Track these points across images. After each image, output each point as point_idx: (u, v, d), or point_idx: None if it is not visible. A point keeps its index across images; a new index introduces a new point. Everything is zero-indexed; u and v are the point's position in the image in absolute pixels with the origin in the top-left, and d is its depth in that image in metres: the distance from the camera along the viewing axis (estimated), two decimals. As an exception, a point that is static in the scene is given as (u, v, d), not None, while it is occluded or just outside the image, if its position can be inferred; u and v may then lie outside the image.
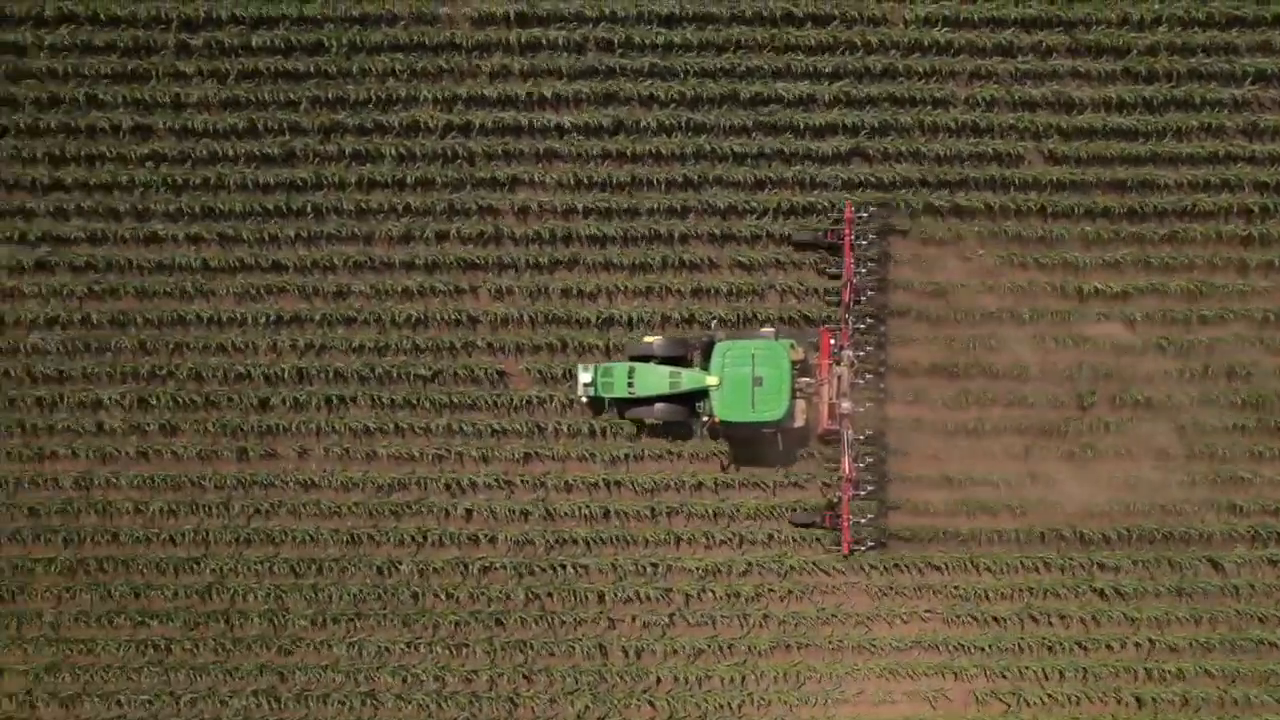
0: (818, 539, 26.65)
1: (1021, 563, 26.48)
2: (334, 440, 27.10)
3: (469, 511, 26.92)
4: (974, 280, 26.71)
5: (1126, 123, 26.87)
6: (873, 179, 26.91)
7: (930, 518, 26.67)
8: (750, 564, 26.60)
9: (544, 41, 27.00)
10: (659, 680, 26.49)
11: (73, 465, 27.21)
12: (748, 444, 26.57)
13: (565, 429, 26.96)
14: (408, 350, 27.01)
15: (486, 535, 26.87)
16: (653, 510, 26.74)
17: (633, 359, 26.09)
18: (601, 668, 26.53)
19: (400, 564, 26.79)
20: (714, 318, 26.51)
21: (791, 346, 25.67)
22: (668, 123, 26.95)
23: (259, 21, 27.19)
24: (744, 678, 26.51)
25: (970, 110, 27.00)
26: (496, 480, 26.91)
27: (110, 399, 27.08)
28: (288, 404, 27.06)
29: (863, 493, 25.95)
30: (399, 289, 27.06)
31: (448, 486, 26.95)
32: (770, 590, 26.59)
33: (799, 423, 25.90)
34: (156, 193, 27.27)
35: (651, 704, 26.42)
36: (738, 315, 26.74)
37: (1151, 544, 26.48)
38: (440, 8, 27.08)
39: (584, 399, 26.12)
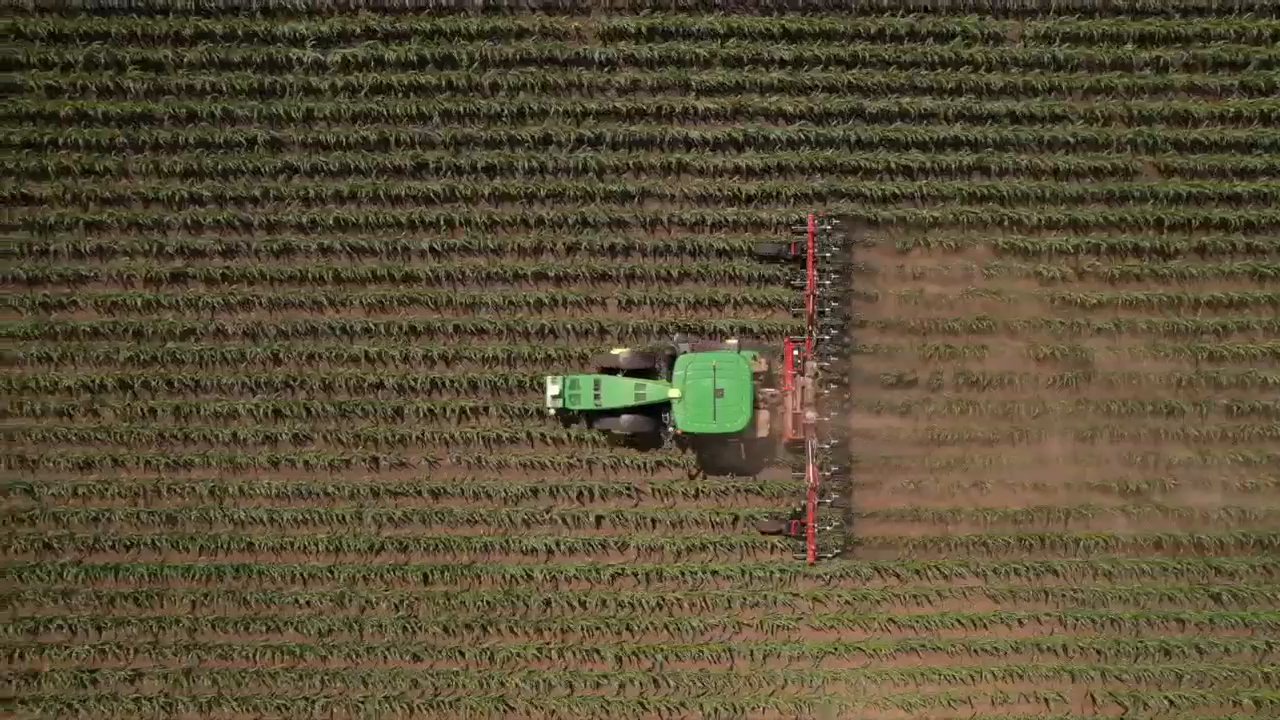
0: (787, 546, 27.15)
1: (1140, 567, 27.09)
2: (465, 449, 27.53)
3: (599, 518, 27.37)
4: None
5: (1242, 135, 27.49)
6: (994, 192, 27.47)
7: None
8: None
9: (673, 56, 27.48)
10: (785, 683, 27.01)
11: (207, 474, 27.60)
12: (715, 453, 27.08)
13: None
14: (539, 360, 27.44)
15: (616, 542, 27.36)
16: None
17: (601, 371, 26.61)
18: (730, 673, 27.04)
19: (531, 572, 27.25)
20: (676, 330, 27.13)
21: (754, 358, 26.20)
22: (795, 137, 27.46)
23: (391, 36, 27.61)
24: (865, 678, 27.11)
25: (1088, 125, 27.58)
26: (627, 489, 27.39)
27: (244, 409, 27.50)
28: (420, 414, 27.48)
29: (829, 501, 26.47)
30: (530, 300, 27.50)
31: (578, 495, 27.43)
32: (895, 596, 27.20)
33: (763, 433, 26.40)
34: (289, 205, 27.69)
35: (777, 708, 26.96)
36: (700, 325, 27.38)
37: (1266, 549, 27.14)
38: (571, 23, 27.53)
39: (552, 411, 26.60)
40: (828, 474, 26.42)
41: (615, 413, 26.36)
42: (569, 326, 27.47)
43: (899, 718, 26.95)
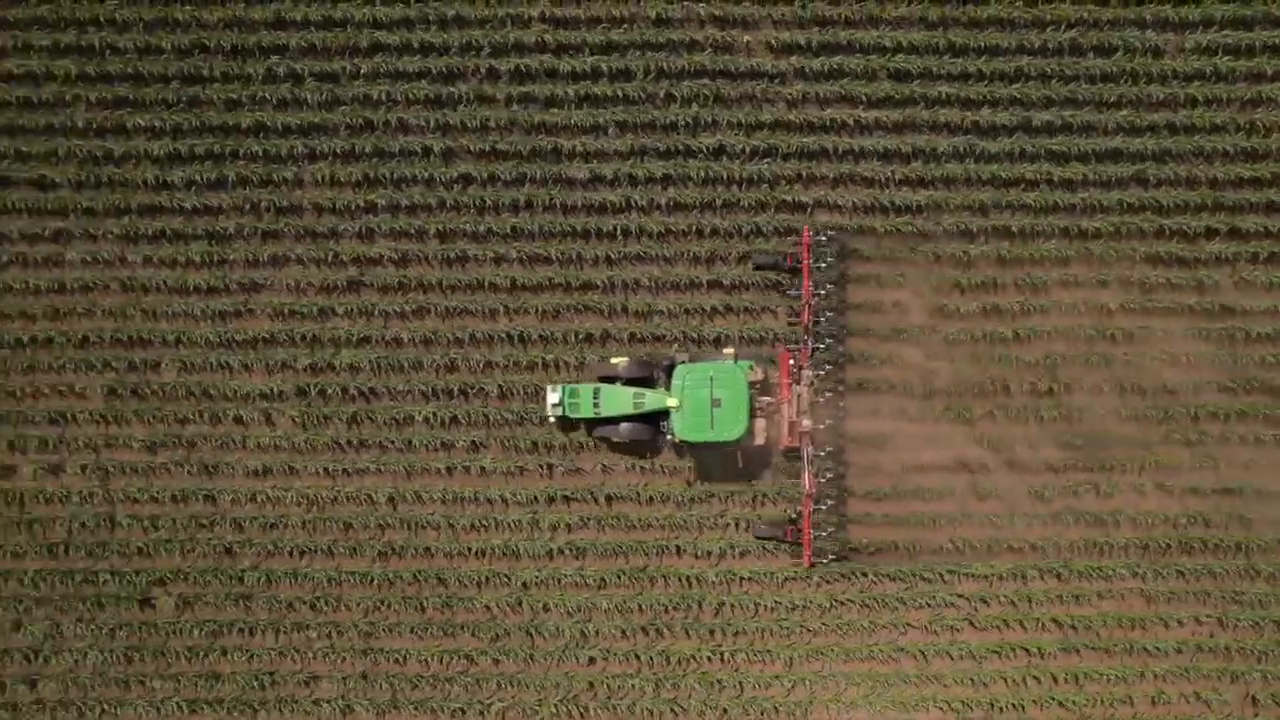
0: (784, 551, 27.61)
1: (1296, 571, 27.78)
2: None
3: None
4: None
5: None
6: (1152, 202, 28.05)
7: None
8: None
9: (845, 69, 27.98)
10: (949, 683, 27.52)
11: (382, 480, 27.97)
12: (712, 461, 27.57)
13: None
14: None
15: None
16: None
17: (600, 380, 27.12)
18: (896, 673, 27.58)
19: (706, 575, 27.71)
20: (675, 339, 27.75)
21: (750, 367, 26.80)
22: (962, 149, 28.00)
23: (563, 48, 28.02)
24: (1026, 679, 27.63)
25: (1247, 136, 28.17)
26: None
27: (420, 416, 27.86)
28: (595, 420, 27.96)
29: (824, 507, 27.02)
30: (705, 308, 27.96)
31: (752, 500, 27.94)
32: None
33: (760, 441, 27.01)
34: (464, 214, 28.05)
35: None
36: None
37: None
38: (743, 36, 27.99)
39: (552, 419, 27.14)
40: (823, 480, 26.99)
41: (614, 421, 26.87)
42: (739, 334, 27.89)
43: (1061, 716, 27.56)
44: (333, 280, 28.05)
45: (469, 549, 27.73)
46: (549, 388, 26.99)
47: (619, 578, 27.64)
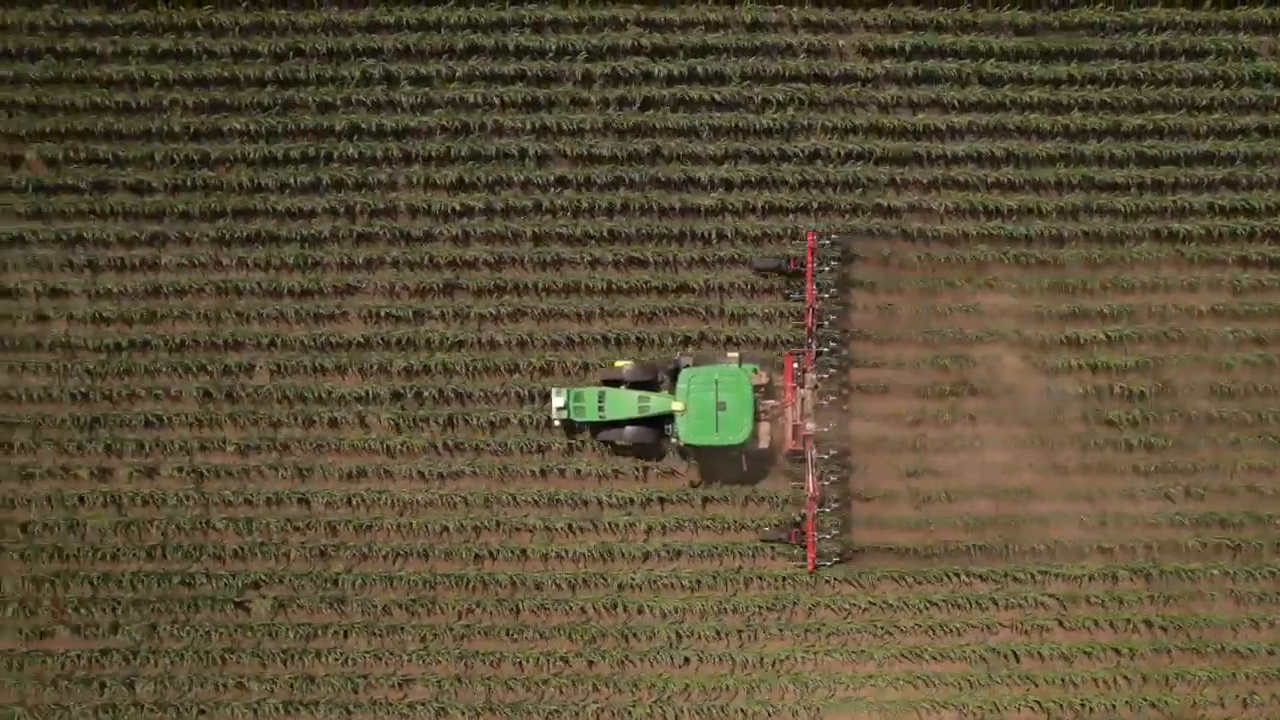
0: (789, 554, 27.71)
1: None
2: (730, 460, 28.21)
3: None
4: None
5: None
6: (1243, 205, 28.20)
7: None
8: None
9: (939, 73, 28.12)
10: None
11: (477, 483, 28.05)
12: (717, 463, 27.67)
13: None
14: (805, 371, 28.10)
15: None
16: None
17: (605, 383, 27.22)
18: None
19: (799, 577, 27.83)
20: (680, 342, 27.84)
21: (755, 371, 26.92)
22: (1054, 153, 28.13)
23: (658, 51, 28.12)
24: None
25: (1340, 139, 28.40)
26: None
27: (514, 418, 27.95)
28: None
29: (828, 509, 27.15)
30: (794, 311, 28.10)
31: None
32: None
33: (764, 444, 27.13)
34: (559, 217, 28.15)
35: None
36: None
37: None
38: (839, 40, 28.11)
39: (557, 422, 27.25)
40: (827, 483, 27.09)
41: (619, 424, 26.98)
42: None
43: (1152, 717, 27.68)
44: (427, 283, 28.12)
45: (564, 551, 27.82)
46: (553, 391, 27.11)
47: (713, 579, 27.75)
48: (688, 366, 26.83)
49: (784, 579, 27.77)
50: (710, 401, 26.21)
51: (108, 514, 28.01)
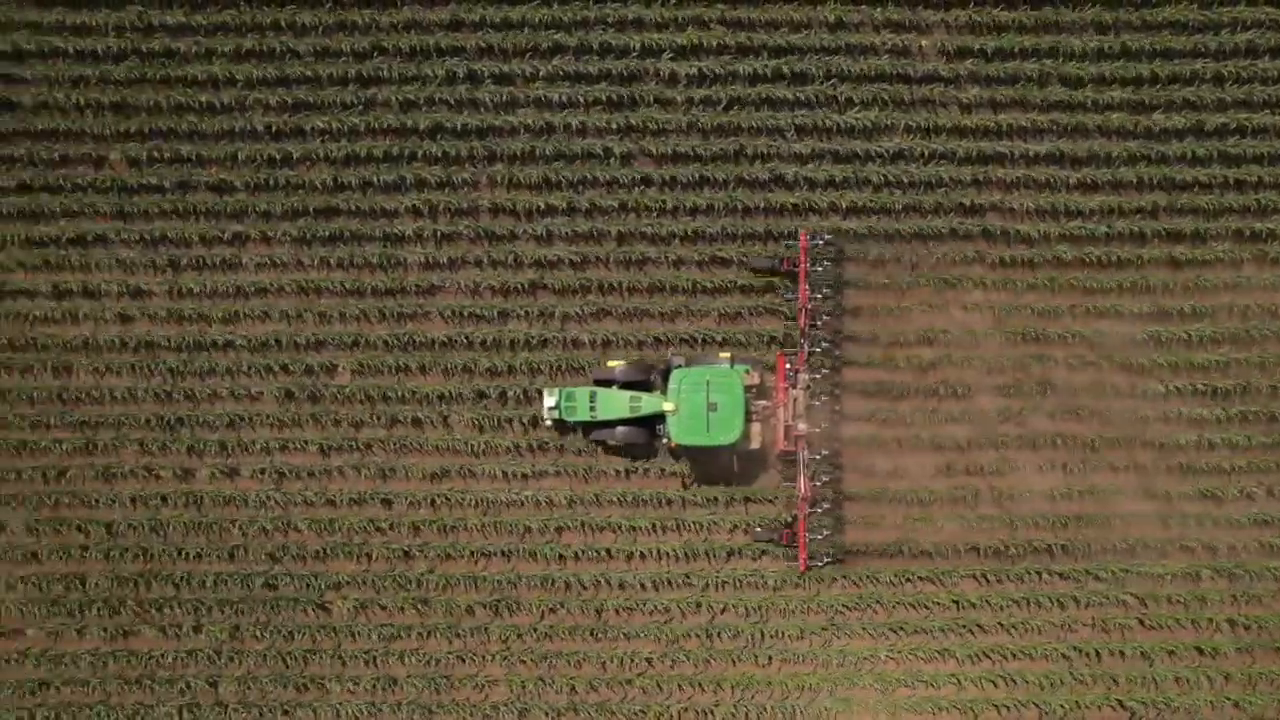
0: (779, 554, 27.68)
1: None
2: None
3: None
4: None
5: None
6: (1315, 205, 28.36)
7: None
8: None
9: (1019, 73, 28.15)
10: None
11: (560, 483, 28.04)
12: (708, 464, 27.70)
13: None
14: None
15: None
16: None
17: (597, 383, 27.23)
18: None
19: (882, 575, 27.82)
20: (672, 343, 27.82)
21: (747, 371, 26.93)
22: (1136, 153, 28.17)
23: (743, 50, 28.13)
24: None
25: None
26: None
27: (591, 421, 28.01)
28: (772, 422, 28.06)
29: (820, 510, 27.17)
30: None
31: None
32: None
33: (755, 445, 27.11)
34: (643, 217, 28.14)
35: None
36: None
37: None
38: (921, 41, 28.14)
39: (549, 421, 27.23)
40: (818, 484, 27.12)
41: (610, 424, 26.98)
42: (911, 336, 28.05)
43: (1235, 717, 27.70)
44: (511, 282, 28.09)
45: (648, 551, 27.78)
46: (545, 391, 27.09)
47: (797, 578, 27.74)
48: (679, 367, 26.81)
49: (866, 578, 27.79)
50: (701, 402, 26.23)
51: (190, 514, 27.97)
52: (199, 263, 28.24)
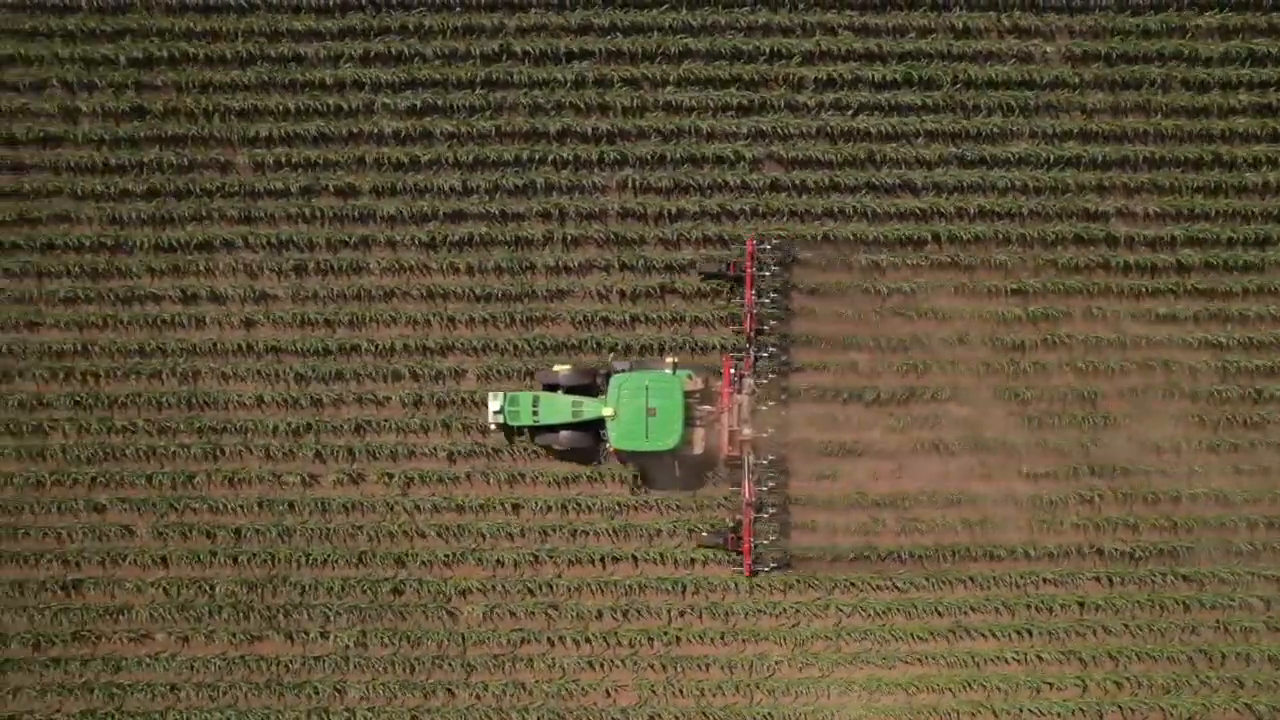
0: (726, 560, 27.76)
1: None
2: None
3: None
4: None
5: None
6: None
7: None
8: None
9: (1143, 78, 28.25)
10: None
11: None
12: (654, 469, 27.76)
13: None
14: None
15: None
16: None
17: (545, 387, 27.30)
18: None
19: (1009, 575, 27.90)
20: (612, 348, 27.80)
21: (689, 376, 27.03)
22: (1263, 157, 28.27)
23: (871, 55, 28.22)
24: None
25: None
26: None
27: (725, 422, 28.01)
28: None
29: (766, 515, 27.27)
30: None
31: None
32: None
33: (699, 450, 27.16)
34: (772, 220, 28.09)
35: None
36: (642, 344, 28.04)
37: None
38: (1046, 47, 28.25)
39: (493, 426, 27.31)
40: (765, 489, 27.19)
41: (554, 429, 27.08)
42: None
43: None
44: (640, 287, 28.06)
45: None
46: (490, 395, 27.11)
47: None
48: (620, 372, 26.85)
49: (994, 580, 27.83)
50: (640, 407, 26.29)
51: (316, 520, 27.88)
52: (324, 267, 28.15)
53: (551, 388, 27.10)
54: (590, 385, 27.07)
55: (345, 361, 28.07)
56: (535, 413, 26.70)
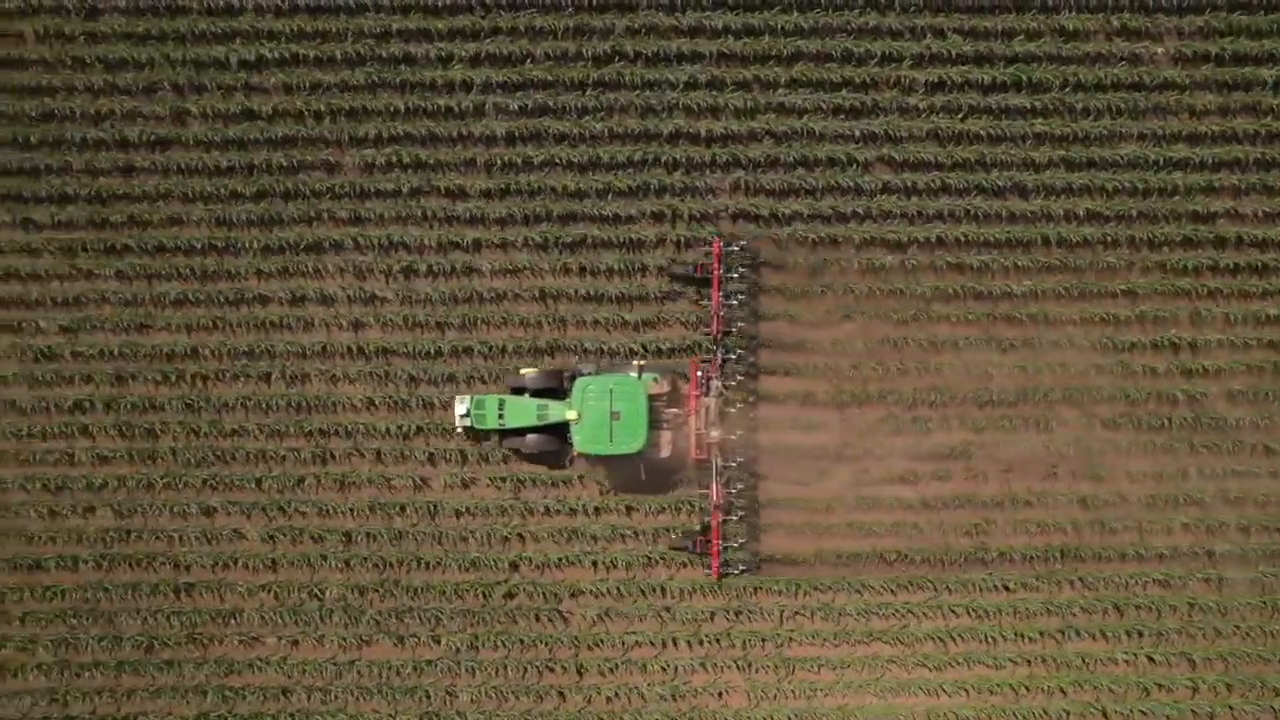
0: (694, 562, 27.80)
1: None
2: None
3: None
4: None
5: None
6: None
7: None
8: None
9: (1254, 79, 28.25)
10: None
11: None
12: (621, 472, 27.70)
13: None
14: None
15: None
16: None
17: (513, 391, 27.32)
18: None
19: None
20: (578, 351, 27.87)
21: (654, 380, 27.10)
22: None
23: (980, 58, 28.20)
24: None
25: None
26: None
27: (831, 425, 28.03)
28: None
29: (734, 518, 27.34)
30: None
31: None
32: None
33: (665, 453, 27.24)
34: (883, 224, 28.18)
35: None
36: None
37: None
38: (1155, 48, 28.31)
39: (459, 429, 27.35)
40: (733, 492, 27.26)
41: (520, 432, 27.06)
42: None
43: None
44: (745, 288, 28.01)
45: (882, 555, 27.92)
46: (457, 398, 27.09)
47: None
48: (585, 375, 26.81)
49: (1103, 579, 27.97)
50: (604, 410, 26.22)
51: (426, 524, 27.76)
52: (434, 269, 28.01)
53: (519, 392, 26.98)
54: (558, 388, 26.96)
55: (456, 364, 27.93)
56: (501, 416, 26.60)
